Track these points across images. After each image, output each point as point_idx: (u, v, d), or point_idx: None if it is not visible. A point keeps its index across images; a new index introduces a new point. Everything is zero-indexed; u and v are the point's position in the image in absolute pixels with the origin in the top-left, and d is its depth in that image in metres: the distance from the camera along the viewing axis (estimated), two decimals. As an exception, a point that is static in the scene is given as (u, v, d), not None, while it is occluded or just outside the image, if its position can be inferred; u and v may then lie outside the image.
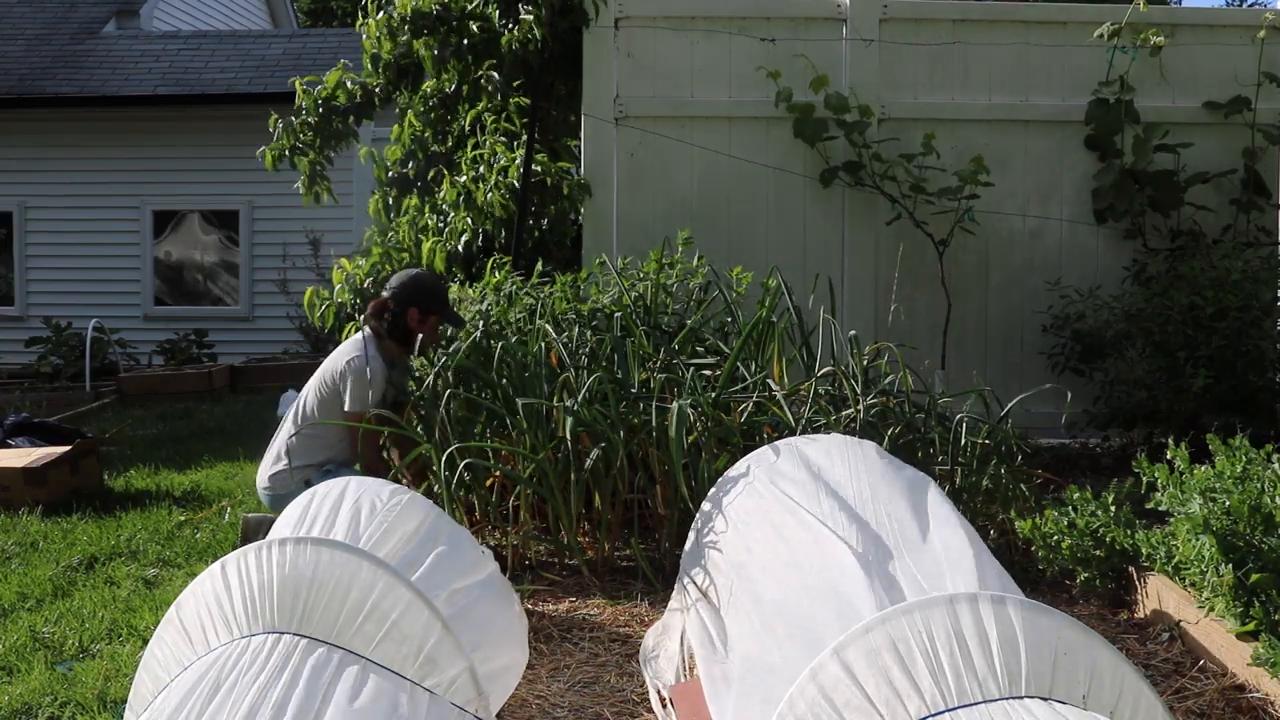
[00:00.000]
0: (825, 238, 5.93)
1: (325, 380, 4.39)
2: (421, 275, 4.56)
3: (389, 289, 4.49)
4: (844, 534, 2.55)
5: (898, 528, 2.57)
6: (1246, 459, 3.29)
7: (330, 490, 2.96)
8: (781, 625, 2.41)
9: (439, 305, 4.44)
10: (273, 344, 11.86)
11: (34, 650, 3.46)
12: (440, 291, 4.50)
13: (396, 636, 2.35)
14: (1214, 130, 5.86)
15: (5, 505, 5.34)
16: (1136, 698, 1.94)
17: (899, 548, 2.49)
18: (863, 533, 2.55)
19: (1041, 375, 5.60)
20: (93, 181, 12.27)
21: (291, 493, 4.20)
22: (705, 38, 5.91)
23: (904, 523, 2.60)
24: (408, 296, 4.42)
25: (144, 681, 2.45)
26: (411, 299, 4.42)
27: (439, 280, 4.63)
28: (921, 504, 2.70)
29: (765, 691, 2.27)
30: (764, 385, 4.09)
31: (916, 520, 2.61)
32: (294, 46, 13.13)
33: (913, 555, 2.45)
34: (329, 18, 25.10)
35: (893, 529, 2.57)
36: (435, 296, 4.45)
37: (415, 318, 4.41)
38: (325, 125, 6.26)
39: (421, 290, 4.44)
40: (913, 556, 2.45)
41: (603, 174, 5.89)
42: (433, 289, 4.47)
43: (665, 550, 3.92)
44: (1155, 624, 3.39)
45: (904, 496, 2.73)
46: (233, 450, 6.80)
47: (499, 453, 4.07)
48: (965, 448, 3.95)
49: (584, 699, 2.96)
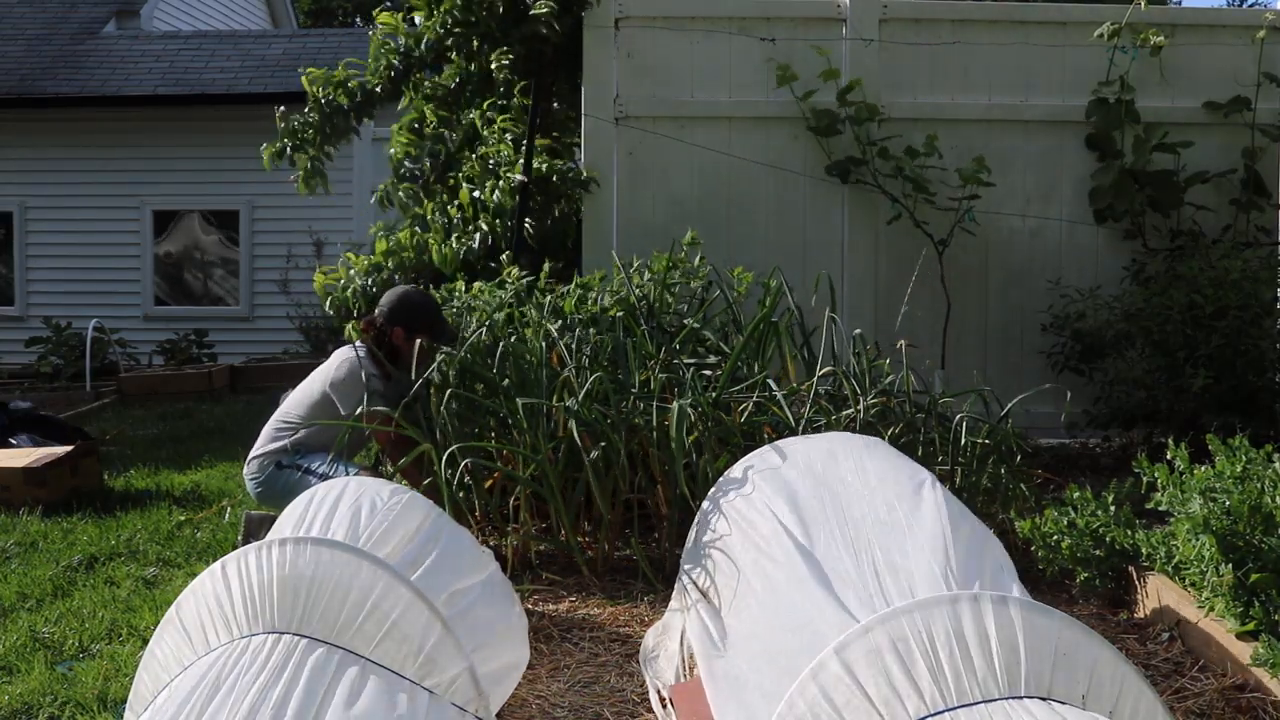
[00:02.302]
0: (825, 237, 5.93)
1: (315, 380, 4.41)
2: (410, 294, 4.54)
3: (379, 306, 4.50)
4: (842, 534, 2.55)
5: (896, 526, 2.57)
6: (1246, 459, 3.29)
7: (330, 490, 2.96)
8: (781, 625, 2.41)
9: (425, 324, 4.41)
10: (273, 344, 11.86)
11: (34, 650, 3.46)
12: (426, 311, 4.47)
13: (396, 636, 2.35)
14: (1214, 130, 5.86)
15: (5, 505, 5.34)
16: (1136, 698, 1.94)
17: (895, 548, 2.49)
18: (860, 532, 2.55)
19: (1041, 375, 5.60)
20: (93, 181, 12.27)
21: (269, 478, 4.25)
22: (705, 38, 5.92)
23: (900, 521, 2.59)
24: (393, 315, 4.43)
25: (144, 681, 2.45)
26: (396, 318, 4.42)
27: (427, 299, 4.60)
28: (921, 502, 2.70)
29: (765, 691, 2.27)
30: (764, 385, 4.09)
31: (913, 519, 2.60)
32: (294, 46, 13.14)
33: (906, 555, 2.45)
34: (329, 18, 25.11)
35: (891, 526, 2.57)
36: (421, 316, 4.43)
37: (400, 336, 4.41)
38: (327, 122, 6.26)
39: (407, 309, 4.44)
40: (906, 556, 2.45)
41: (603, 173, 5.89)
42: (419, 308, 4.46)
43: (665, 550, 3.93)
44: (1155, 624, 3.39)
45: (905, 494, 2.72)
46: (233, 450, 6.80)
47: (499, 452, 4.08)
48: (965, 447, 3.95)
49: (584, 699, 2.96)
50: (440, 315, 4.56)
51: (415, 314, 4.44)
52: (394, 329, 4.42)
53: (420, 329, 4.39)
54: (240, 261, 12.39)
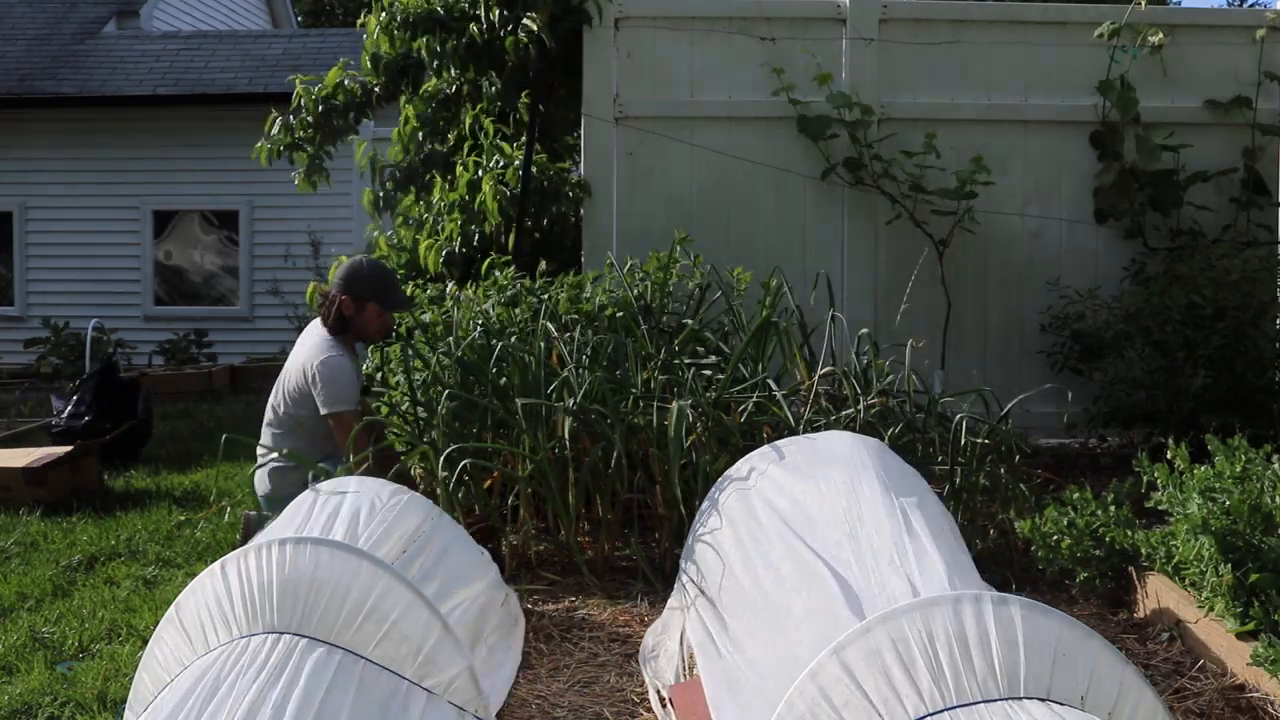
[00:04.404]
0: (825, 238, 5.93)
1: (294, 374, 4.36)
2: (359, 263, 4.50)
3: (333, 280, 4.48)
4: (840, 534, 2.55)
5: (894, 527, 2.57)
6: (1245, 459, 3.29)
7: (331, 490, 2.97)
8: (780, 625, 2.41)
9: (374, 292, 4.36)
10: (273, 344, 11.84)
11: (34, 650, 3.46)
12: (377, 279, 4.41)
13: (396, 636, 2.35)
14: (1214, 130, 5.86)
15: (5, 505, 5.34)
16: (1137, 698, 1.94)
17: (894, 548, 2.49)
18: (858, 532, 2.55)
19: (1041, 375, 5.60)
20: (93, 181, 12.26)
21: (288, 494, 4.21)
22: (705, 38, 5.91)
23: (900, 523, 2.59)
24: (341, 285, 4.39)
25: (144, 681, 2.45)
26: (346, 287, 4.38)
27: (377, 265, 4.55)
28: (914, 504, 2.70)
29: (764, 691, 2.27)
30: (764, 385, 4.08)
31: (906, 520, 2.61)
32: (294, 46, 13.13)
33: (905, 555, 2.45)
34: (329, 18, 25.11)
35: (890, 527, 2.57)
36: (369, 284, 4.38)
37: (350, 306, 4.36)
38: (325, 122, 6.26)
39: (357, 278, 4.39)
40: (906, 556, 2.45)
41: (602, 174, 5.89)
42: (368, 276, 4.40)
43: (665, 550, 3.92)
44: (1155, 624, 3.39)
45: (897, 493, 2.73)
46: (233, 450, 6.80)
47: (498, 452, 4.07)
48: (965, 447, 3.95)
49: (584, 699, 2.96)
50: (392, 282, 4.50)
51: (362, 282, 4.38)
52: (342, 298, 4.37)
53: (369, 296, 4.35)
54: (240, 261, 12.38)
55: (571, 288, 4.84)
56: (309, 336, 4.45)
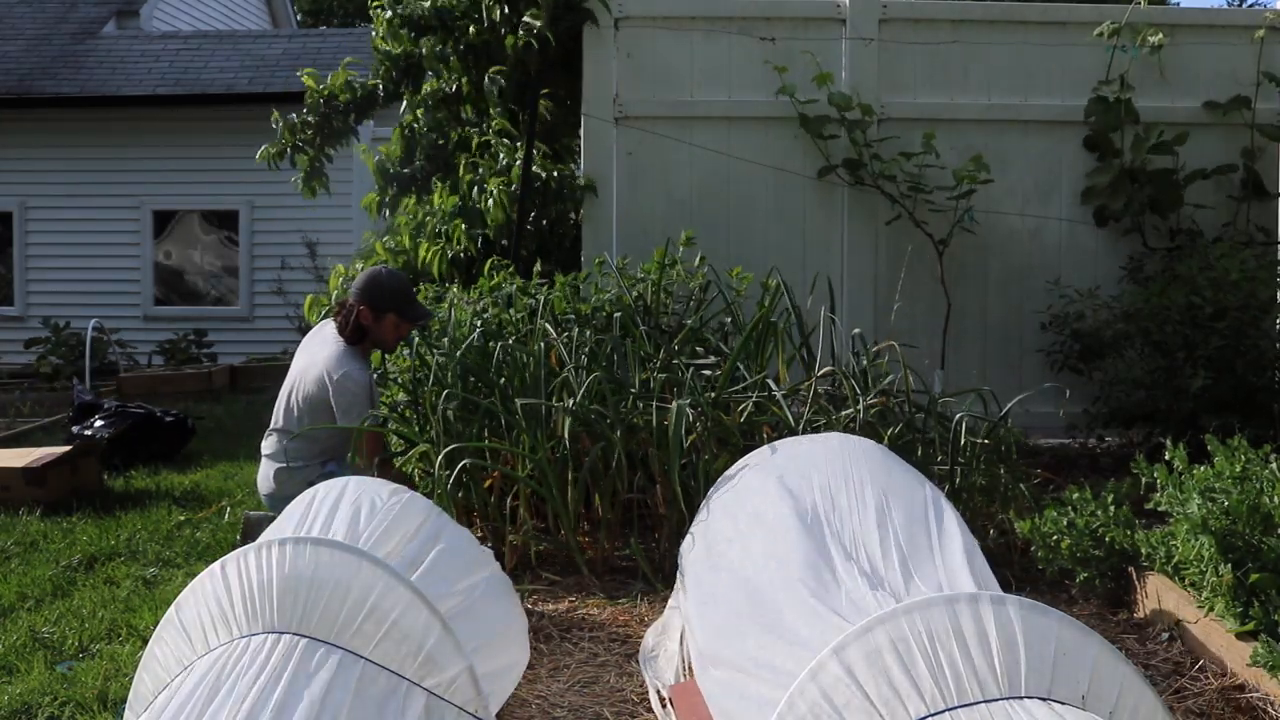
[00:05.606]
0: (825, 238, 5.93)
1: (310, 380, 4.33)
2: (378, 273, 4.46)
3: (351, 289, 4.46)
4: (838, 534, 2.55)
5: (895, 528, 2.57)
6: (1245, 459, 3.29)
7: (330, 490, 2.96)
8: (780, 624, 2.41)
9: (393, 303, 4.33)
10: (273, 344, 11.85)
11: (34, 650, 3.46)
12: (395, 290, 4.38)
13: (396, 636, 2.35)
14: (1213, 130, 5.86)
15: (5, 505, 5.34)
16: (1137, 698, 1.94)
17: (893, 548, 2.49)
18: (857, 533, 2.55)
19: (1041, 375, 5.60)
20: (93, 181, 12.27)
21: (292, 494, 4.20)
22: (705, 38, 5.91)
23: (898, 524, 2.59)
24: (360, 295, 4.35)
25: (144, 681, 2.45)
26: (365, 297, 4.34)
27: (396, 277, 4.51)
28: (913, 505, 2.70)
29: (763, 692, 2.27)
30: (764, 385, 4.09)
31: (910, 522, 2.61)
32: (294, 46, 13.13)
33: (905, 555, 2.45)
34: (329, 17, 25.11)
35: (890, 528, 2.57)
36: (390, 295, 4.34)
37: (368, 317, 4.33)
38: (325, 124, 6.26)
39: (377, 289, 4.35)
40: (905, 556, 2.45)
41: (602, 174, 5.89)
42: (387, 287, 4.36)
43: (665, 550, 3.92)
44: (1155, 624, 3.39)
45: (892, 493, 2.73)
46: (233, 450, 6.80)
47: (498, 452, 4.07)
48: (965, 447, 3.95)
49: (584, 699, 2.96)
50: (410, 294, 4.46)
51: (382, 293, 4.34)
52: (360, 308, 4.33)
53: (388, 307, 4.32)
54: (240, 261, 12.38)
55: (568, 288, 4.83)
56: (325, 344, 4.41)
